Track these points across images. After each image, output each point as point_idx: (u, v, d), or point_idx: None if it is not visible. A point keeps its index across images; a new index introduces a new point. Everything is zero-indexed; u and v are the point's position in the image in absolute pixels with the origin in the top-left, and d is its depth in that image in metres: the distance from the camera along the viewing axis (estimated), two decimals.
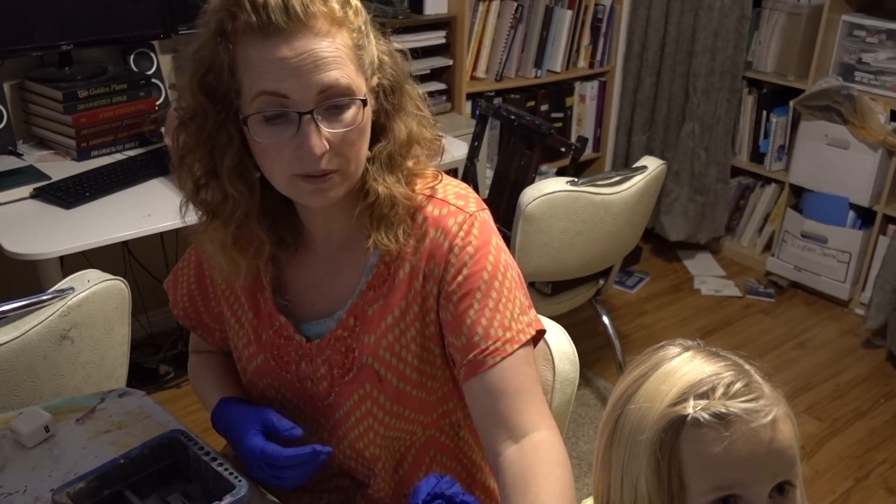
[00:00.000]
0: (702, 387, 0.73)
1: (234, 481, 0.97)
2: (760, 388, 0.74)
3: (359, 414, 1.10)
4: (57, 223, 1.90)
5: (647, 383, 0.76)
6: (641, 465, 0.74)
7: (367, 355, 1.07)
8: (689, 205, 3.47)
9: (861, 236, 3.10)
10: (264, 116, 0.92)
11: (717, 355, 0.77)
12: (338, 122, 0.93)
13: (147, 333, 2.73)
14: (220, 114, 0.96)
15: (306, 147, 0.92)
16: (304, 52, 0.90)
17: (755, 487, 0.71)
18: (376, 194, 1.01)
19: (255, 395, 1.18)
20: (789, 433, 0.73)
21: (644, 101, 3.50)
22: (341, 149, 0.94)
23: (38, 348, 1.31)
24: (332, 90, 0.92)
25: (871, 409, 2.64)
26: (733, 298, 3.28)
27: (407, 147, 1.03)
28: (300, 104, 0.91)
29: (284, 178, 0.96)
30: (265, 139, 0.93)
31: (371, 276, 1.06)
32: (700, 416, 0.71)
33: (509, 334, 1.00)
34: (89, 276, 1.38)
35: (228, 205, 1.00)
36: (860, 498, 2.27)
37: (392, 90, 1.01)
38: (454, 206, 1.05)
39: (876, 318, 2.88)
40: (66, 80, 2.23)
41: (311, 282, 1.11)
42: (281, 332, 1.11)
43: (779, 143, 3.35)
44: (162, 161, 2.21)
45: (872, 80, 2.99)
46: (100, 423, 1.21)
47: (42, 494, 1.06)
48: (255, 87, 0.91)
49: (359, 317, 1.07)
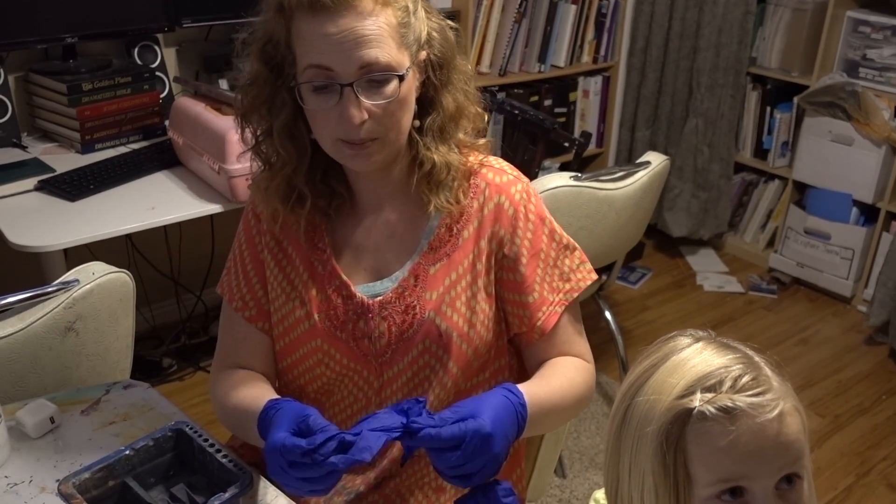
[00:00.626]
0: (709, 380, 0.73)
1: (239, 472, 0.98)
2: (769, 382, 0.74)
3: (412, 371, 1.14)
4: (61, 216, 1.91)
5: (656, 375, 0.76)
6: (648, 457, 0.74)
7: (429, 310, 1.12)
8: (692, 200, 3.46)
9: (864, 233, 3.09)
10: (312, 86, 1.02)
11: (728, 347, 0.77)
12: (377, 95, 1.02)
13: (150, 326, 2.74)
14: (277, 80, 1.07)
15: (346, 116, 1.01)
16: (347, 29, 0.98)
17: (760, 480, 0.71)
18: (432, 162, 1.10)
19: (296, 357, 1.18)
20: (796, 426, 0.73)
21: (648, 96, 3.50)
22: (381, 118, 1.03)
23: (43, 340, 1.31)
24: (373, 66, 1.00)
25: (873, 406, 2.64)
26: (736, 294, 3.28)
27: (456, 119, 1.12)
28: (342, 77, 1.00)
29: (330, 141, 1.06)
30: (313, 106, 1.03)
31: (433, 237, 1.14)
32: (706, 410, 0.71)
33: (568, 286, 1.17)
34: (94, 269, 1.38)
35: (279, 161, 1.10)
36: (862, 494, 2.27)
37: (440, 65, 1.09)
38: (512, 175, 1.17)
39: (878, 315, 2.88)
40: (71, 72, 2.24)
41: (365, 246, 1.16)
42: (339, 291, 1.14)
43: (782, 140, 3.35)
44: (166, 154, 2.21)
45: (877, 77, 2.98)
46: (105, 415, 1.21)
47: (48, 485, 1.07)
48: (305, 60, 1.01)
49: (420, 276, 1.13)
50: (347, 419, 1.19)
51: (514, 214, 1.14)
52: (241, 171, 1.95)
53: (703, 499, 0.73)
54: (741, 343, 0.79)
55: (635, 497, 0.76)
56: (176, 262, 2.70)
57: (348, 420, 1.18)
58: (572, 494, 2.21)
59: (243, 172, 1.95)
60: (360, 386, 1.17)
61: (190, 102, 2.14)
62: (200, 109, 2.08)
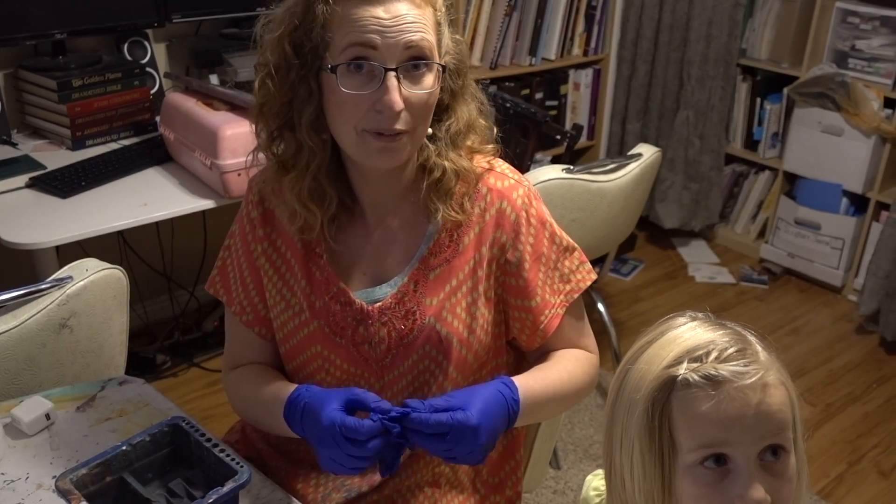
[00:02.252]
0: (697, 351, 0.75)
1: (236, 467, 0.98)
2: (755, 355, 0.76)
3: (412, 375, 1.14)
4: (53, 212, 1.90)
5: (651, 348, 0.79)
6: (636, 424, 0.76)
7: (429, 317, 1.12)
8: (683, 192, 3.48)
9: (854, 223, 3.11)
10: (354, 65, 0.99)
11: (722, 325, 0.79)
12: (417, 85, 1.01)
13: (143, 323, 2.74)
14: (304, 68, 1.03)
15: (387, 101, 0.98)
16: (398, 14, 0.98)
17: (743, 447, 0.72)
18: (442, 169, 1.09)
19: (298, 362, 1.18)
20: (780, 398, 0.74)
21: (638, 88, 3.50)
22: (415, 110, 1.01)
23: (37, 337, 1.31)
24: (416, 49, 0.99)
25: (864, 394, 2.66)
26: (727, 285, 3.30)
27: (467, 128, 1.11)
28: (387, 59, 0.98)
29: (355, 132, 1.02)
30: (349, 88, 0.99)
31: (433, 242, 1.13)
32: (690, 377, 0.73)
33: (568, 287, 1.17)
34: (87, 265, 1.38)
35: (304, 156, 1.06)
36: (853, 482, 2.29)
37: (458, 73, 1.09)
38: (513, 178, 1.15)
39: (869, 304, 2.90)
40: (60, 68, 2.23)
41: (364, 251, 1.15)
42: (338, 297, 1.13)
43: (773, 131, 3.36)
44: (157, 150, 2.21)
45: (866, 67, 3.00)
46: (100, 411, 1.21)
47: (44, 482, 1.07)
48: (348, 39, 0.98)
49: (420, 281, 1.12)
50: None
51: (516, 220, 1.13)
52: (233, 167, 1.95)
53: (686, 465, 0.74)
54: (736, 323, 0.81)
55: (626, 466, 0.78)
56: (168, 258, 2.70)
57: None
58: (566, 485, 2.22)
59: (236, 168, 1.95)
60: (362, 387, 1.15)
61: (181, 98, 2.13)
62: (192, 105, 2.07)
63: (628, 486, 0.78)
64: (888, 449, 2.42)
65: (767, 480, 0.73)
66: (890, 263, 2.82)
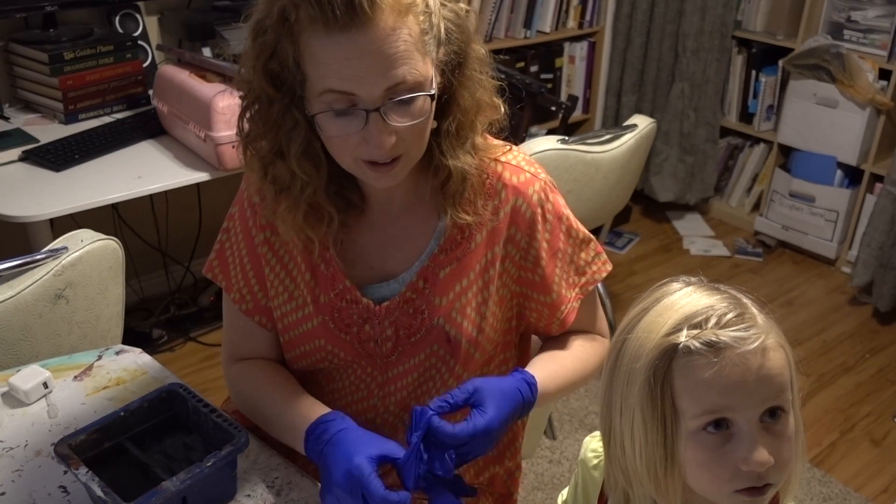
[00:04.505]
0: (696, 317, 0.75)
1: (234, 431, 0.99)
2: (754, 319, 0.75)
3: (418, 373, 1.12)
4: (47, 186, 1.90)
5: (648, 316, 0.78)
6: (637, 392, 0.76)
7: (438, 317, 1.08)
8: (678, 165, 3.47)
9: (848, 195, 3.12)
10: (333, 112, 0.92)
11: (717, 289, 0.79)
12: (405, 115, 0.93)
13: (139, 298, 2.74)
14: (285, 98, 0.95)
15: (374, 142, 0.93)
16: (369, 51, 0.88)
17: (745, 411, 0.73)
18: (447, 171, 1.02)
19: (299, 352, 1.14)
20: (780, 361, 0.75)
21: (633, 61, 3.49)
22: (407, 136, 0.95)
23: (33, 308, 1.31)
24: (400, 87, 0.91)
25: (857, 364, 2.69)
26: (722, 258, 3.31)
27: (473, 117, 1.03)
28: (367, 102, 0.91)
29: (351, 159, 0.97)
30: (334, 133, 0.94)
31: (443, 239, 1.08)
32: (691, 344, 0.73)
33: (583, 280, 1.15)
34: (82, 236, 1.38)
35: (297, 184, 1.00)
36: (845, 450, 2.32)
37: (459, 63, 0.99)
38: (529, 172, 1.10)
39: (862, 276, 2.92)
40: (52, 41, 2.21)
41: (373, 245, 1.10)
42: (344, 294, 1.09)
43: (768, 103, 3.35)
44: (150, 123, 2.20)
45: (861, 39, 2.99)
46: (98, 380, 1.22)
47: (43, 448, 1.08)
48: (321, 85, 0.91)
49: (429, 279, 1.08)
50: (347, 406, 1.17)
51: (531, 217, 1.09)
52: (227, 139, 1.94)
53: (689, 431, 0.75)
54: (730, 286, 0.81)
55: (626, 433, 0.78)
56: (163, 233, 2.69)
57: (348, 408, 1.15)
58: (562, 455, 2.24)
59: (230, 140, 1.94)
60: (364, 380, 1.15)
61: (174, 70, 2.12)
62: (185, 77, 2.06)
63: (629, 453, 0.78)
64: (880, 418, 2.44)
65: (769, 442, 0.74)
66: (883, 235, 2.83)
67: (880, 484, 2.20)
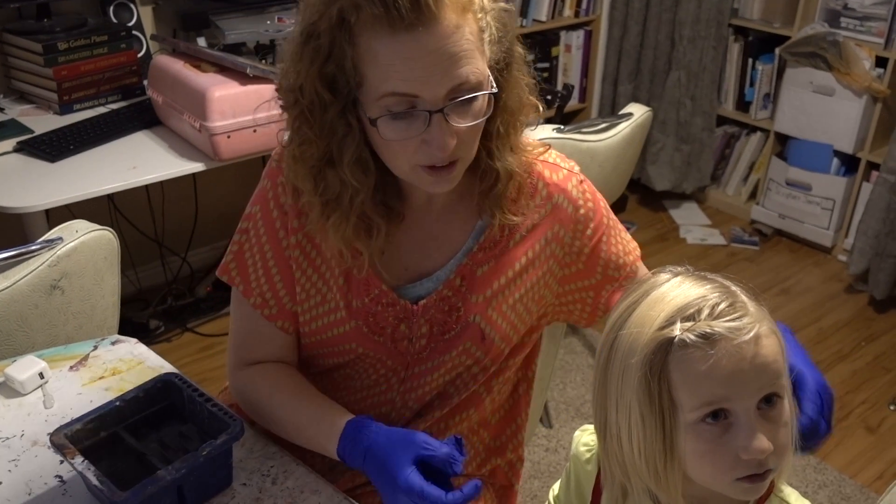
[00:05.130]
0: (688, 309, 0.75)
1: (229, 420, 0.99)
2: (745, 307, 0.76)
3: (445, 369, 1.11)
4: (42, 176, 1.89)
5: (638, 309, 0.78)
6: (633, 387, 0.76)
7: (474, 314, 1.07)
8: (674, 154, 3.47)
9: (845, 183, 3.12)
10: (392, 114, 0.90)
11: (705, 278, 0.79)
12: (466, 116, 0.91)
13: (136, 289, 2.74)
14: (340, 104, 0.92)
15: (437, 144, 0.90)
16: (434, 50, 0.86)
17: (742, 400, 0.73)
18: (496, 174, 1.01)
19: (324, 352, 1.12)
20: (773, 348, 0.75)
21: (630, 50, 3.48)
22: (468, 137, 0.93)
23: (28, 298, 1.31)
24: (463, 87, 0.89)
25: (853, 352, 2.69)
26: (718, 247, 3.31)
27: (517, 116, 1.02)
28: (430, 103, 0.88)
29: (408, 166, 0.95)
30: (393, 136, 0.91)
31: (483, 237, 1.07)
32: (686, 337, 0.73)
33: (631, 256, 1.15)
34: (77, 227, 1.38)
35: (347, 194, 0.97)
36: (841, 437, 2.33)
37: (506, 63, 0.97)
38: (566, 168, 1.10)
39: (858, 264, 2.92)
40: (46, 32, 2.20)
41: (409, 246, 1.08)
42: (379, 299, 1.06)
43: (764, 92, 3.35)
44: (145, 114, 2.19)
45: (858, 26, 2.98)
46: (94, 370, 1.22)
47: (39, 438, 1.08)
48: (383, 88, 0.88)
49: (466, 277, 1.07)
50: (364, 399, 1.15)
51: (573, 212, 1.08)
52: (222, 129, 1.94)
53: (688, 423, 0.75)
54: (717, 274, 0.81)
55: (623, 427, 0.78)
56: (160, 223, 2.69)
57: (364, 401, 1.15)
58: (559, 443, 2.25)
59: (225, 130, 1.94)
60: (386, 375, 1.13)
61: (169, 60, 2.12)
62: (179, 67, 2.06)
63: (626, 447, 0.79)
64: (875, 405, 2.45)
65: (767, 428, 0.74)
66: (879, 223, 2.83)
67: (875, 471, 2.21)
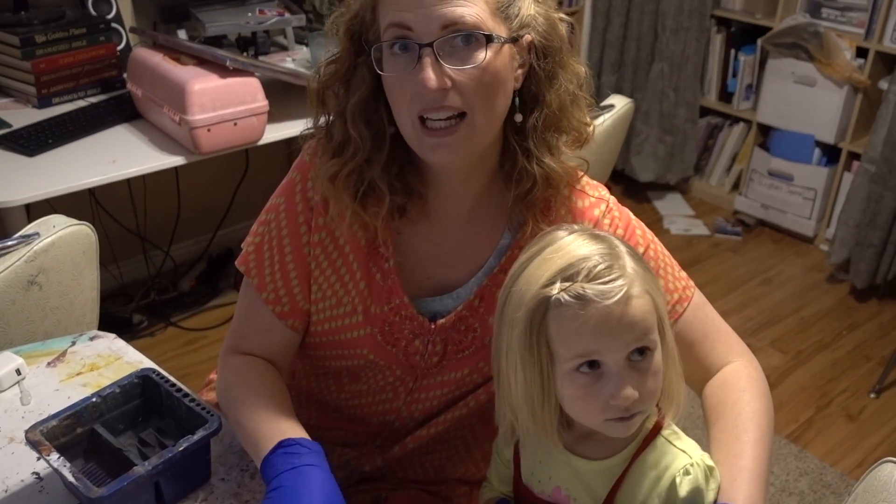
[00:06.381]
0: (569, 271, 0.83)
1: (207, 416, 0.99)
2: (623, 269, 0.83)
3: (455, 384, 1.09)
4: (20, 171, 1.88)
5: (530, 267, 0.86)
6: (517, 338, 0.85)
7: (490, 336, 1.02)
8: (658, 145, 3.48)
9: (826, 173, 3.14)
10: (391, 46, 0.91)
11: (596, 237, 0.86)
12: (462, 60, 0.90)
13: (119, 283, 2.72)
14: (359, 55, 0.96)
15: (421, 79, 0.89)
16: None
17: (611, 354, 0.82)
18: (533, 178, 0.98)
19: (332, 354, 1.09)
20: (643, 307, 0.83)
21: (613, 41, 3.48)
22: (466, 89, 0.90)
23: (5, 294, 1.30)
24: (457, 26, 0.88)
25: (834, 342, 2.72)
26: (702, 237, 3.33)
27: (559, 120, 0.99)
28: (422, 35, 0.89)
29: (409, 121, 0.93)
30: (388, 71, 0.92)
31: (504, 258, 1.04)
32: (562, 297, 0.82)
33: (681, 287, 1.06)
34: (54, 222, 1.37)
35: (350, 147, 0.97)
36: (822, 425, 2.35)
37: (545, 54, 0.96)
38: (594, 196, 1.06)
39: (840, 254, 2.94)
40: (23, 24, 2.17)
41: (434, 254, 1.05)
42: (399, 309, 1.04)
43: (747, 82, 3.36)
44: (126, 107, 2.17)
45: (839, 17, 2.99)
46: (71, 366, 1.22)
47: (16, 435, 1.07)
48: (386, 20, 0.91)
49: (485, 298, 1.04)
50: (368, 405, 1.13)
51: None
52: (202, 122, 1.93)
53: (564, 371, 0.84)
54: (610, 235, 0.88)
55: (511, 375, 0.87)
56: (142, 217, 2.67)
57: (368, 407, 1.13)
58: None
59: (205, 123, 1.93)
60: (393, 384, 1.10)
61: (148, 53, 2.10)
62: (159, 60, 2.04)
63: (513, 391, 0.88)
64: (856, 394, 2.48)
65: (635, 378, 0.83)
66: (860, 213, 2.85)
67: (855, 459, 2.24)
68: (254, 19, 2.44)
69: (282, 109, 2.11)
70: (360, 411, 1.13)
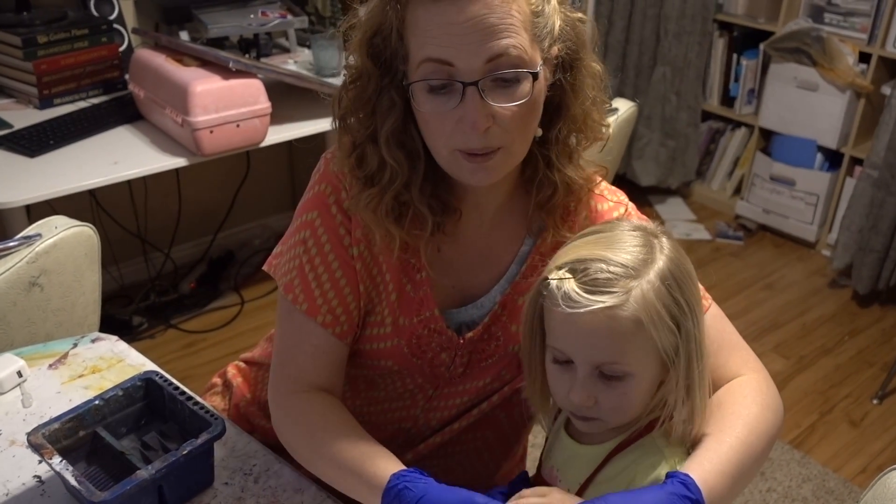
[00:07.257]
0: (580, 264, 0.84)
1: (210, 419, 0.98)
2: (626, 287, 0.82)
3: (476, 391, 1.09)
4: (22, 172, 1.87)
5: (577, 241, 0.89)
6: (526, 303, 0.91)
7: (514, 345, 1.04)
8: (660, 149, 3.48)
9: (829, 178, 3.13)
10: (429, 85, 0.87)
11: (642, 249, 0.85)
12: (506, 96, 0.87)
13: (119, 285, 2.71)
14: (384, 77, 0.92)
15: (468, 120, 0.86)
16: (475, 17, 0.83)
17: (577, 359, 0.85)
18: (554, 186, 0.98)
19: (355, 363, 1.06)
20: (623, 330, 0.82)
21: (615, 44, 3.48)
22: (508, 124, 0.88)
23: (6, 295, 1.29)
24: (502, 60, 0.85)
25: (836, 347, 2.71)
26: (703, 242, 3.32)
27: (581, 130, 0.98)
28: (465, 74, 0.85)
29: (446, 151, 0.91)
30: (427, 108, 0.89)
31: (525, 266, 1.04)
32: (555, 288, 0.84)
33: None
34: (56, 223, 1.36)
35: (386, 173, 0.94)
36: (824, 431, 2.34)
37: (571, 65, 0.94)
38: (612, 201, 1.07)
39: (842, 259, 2.94)
40: (25, 25, 2.17)
41: (461, 262, 1.04)
42: (428, 322, 1.02)
43: (749, 87, 3.36)
44: (127, 108, 2.17)
45: (842, 22, 2.99)
46: (73, 368, 1.21)
47: (17, 438, 1.07)
48: (421, 54, 0.87)
49: (508, 306, 1.04)
50: (385, 412, 1.11)
51: None
52: (204, 124, 1.92)
53: (548, 350, 0.89)
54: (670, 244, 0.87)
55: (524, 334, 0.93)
56: (142, 219, 2.66)
57: (385, 414, 1.11)
58: None
59: (207, 125, 1.92)
60: (412, 391, 1.09)
61: (150, 54, 2.09)
62: (161, 61, 2.03)
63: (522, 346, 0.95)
64: (858, 399, 2.47)
65: (600, 388, 0.85)
66: (863, 218, 2.85)
67: (858, 465, 2.23)
68: (256, 21, 2.43)
69: (284, 111, 2.11)
70: (376, 417, 1.12)
